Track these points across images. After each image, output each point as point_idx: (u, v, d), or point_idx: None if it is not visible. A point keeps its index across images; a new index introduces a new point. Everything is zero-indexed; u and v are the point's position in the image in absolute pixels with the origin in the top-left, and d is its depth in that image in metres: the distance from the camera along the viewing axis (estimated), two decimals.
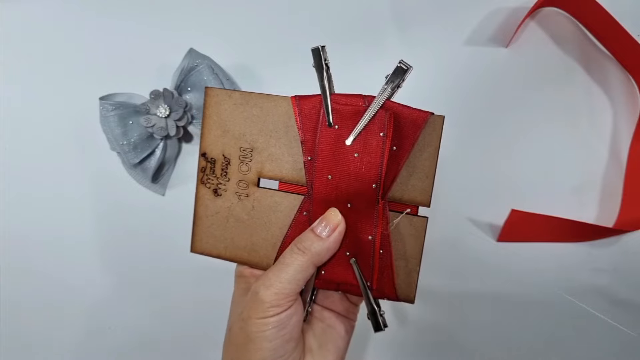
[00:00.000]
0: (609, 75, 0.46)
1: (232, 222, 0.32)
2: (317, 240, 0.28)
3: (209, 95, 0.31)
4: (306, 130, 0.29)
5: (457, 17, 0.46)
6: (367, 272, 0.30)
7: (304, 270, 0.28)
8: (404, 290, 0.30)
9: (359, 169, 0.28)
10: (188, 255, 0.47)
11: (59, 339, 0.47)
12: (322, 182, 0.29)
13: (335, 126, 0.28)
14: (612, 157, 0.46)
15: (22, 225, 0.46)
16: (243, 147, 0.31)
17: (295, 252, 0.28)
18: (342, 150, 0.28)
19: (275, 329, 0.27)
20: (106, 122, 0.42)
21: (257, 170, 0.31)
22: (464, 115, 0.46)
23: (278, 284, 0.27)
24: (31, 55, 0.46)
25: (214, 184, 0.32)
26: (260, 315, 0.27)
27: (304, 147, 0.30)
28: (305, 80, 0.46)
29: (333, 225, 0.28)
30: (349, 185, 0.29)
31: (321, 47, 0.28)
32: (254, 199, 0.31)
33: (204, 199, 0.32)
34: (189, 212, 0.46)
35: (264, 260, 0.32)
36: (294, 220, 0.31)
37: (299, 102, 0.30)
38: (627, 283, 0.45)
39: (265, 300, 0.27)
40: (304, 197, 0.30)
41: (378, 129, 0.28)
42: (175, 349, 0.47)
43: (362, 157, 0.28)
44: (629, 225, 0.44)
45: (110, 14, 0.46)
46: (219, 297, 0.46)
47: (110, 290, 0.46)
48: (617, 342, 0.46)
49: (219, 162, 0.31)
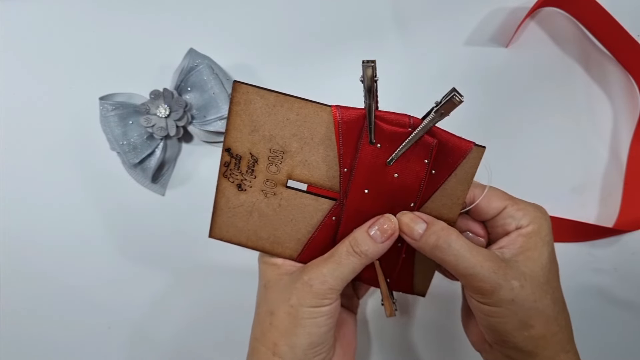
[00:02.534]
0: (609, 75, 0.46)
1: (255, 216, 0.32)
2: (374, 245, 0.29)
3: (238, 91, 0.29)
4: (345, 144, 0.29)
5: (457, 17, 0.46)
6: (388, 271, 0.32)
7: (356, 271, 0.30)
8: (419, 286, 0.33)
9: (397, 189, 0.29)
10: (188, 255, 0.47)
11: (59, 339, 0.47)
12: (357, 195, 0.30)
13: (378, 145, 0.28)
14: (612, 157, 0.46)
15: (21, 225, 0.46)
16: (273, 148, 0.30)
17: (352, 254, 0.29)
18: (382, 169, 0.29)
19: (325, 317, 0.29)
20: (106, 122, 0.42)
21: (287, 172, 0.30)
22: (464, 115, 0.45)
23: (332, 280, 0.29)
24: (31, 55, 0.46)
25: (238, 179, 0.31)
26: (315, 304, 0.29)
27: (341, 159, 0.29)
28: (305, 80, 0.46)
29: (390, 231, 0.29)
30: (384, 201, 0.30)
31: (372, 62, 0.25)
32: (281, 197, 0.31)
33: (226, 192, 0.32)
34: (189, 212, 0.46)
35: (286, 251, 0.32)
36: (322, 223, 0.31)
37: (340, 114, 0.29)
38: (627, 283, 0.45)
39: (319, 293, 0.29)
40: (335, 203, 0.31)
41: (422, 155, 0.28)
42: (175, 348, 0.47)
43: (402, 178, 0.29)
44: (629, 225, 0.44)
45: (110, 13, 0.46)
46: (219, 297, 0.46)
47: (110, 290, 0.46)
48: (617, 342, 0.46)
49: (245, 160, 0.30)
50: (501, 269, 0.27)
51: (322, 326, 0.29)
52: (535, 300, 0.28)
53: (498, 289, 0.27)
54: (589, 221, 0.45)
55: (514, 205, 0.30)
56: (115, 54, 0.46)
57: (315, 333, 0.29)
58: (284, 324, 0.29)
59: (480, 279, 0.27)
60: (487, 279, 0.27)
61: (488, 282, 0.27)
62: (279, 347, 0.29)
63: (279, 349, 0.29)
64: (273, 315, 0.30)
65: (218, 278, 0.46)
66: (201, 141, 0.46)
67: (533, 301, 0.28)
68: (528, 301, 0.28)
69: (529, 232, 0.30)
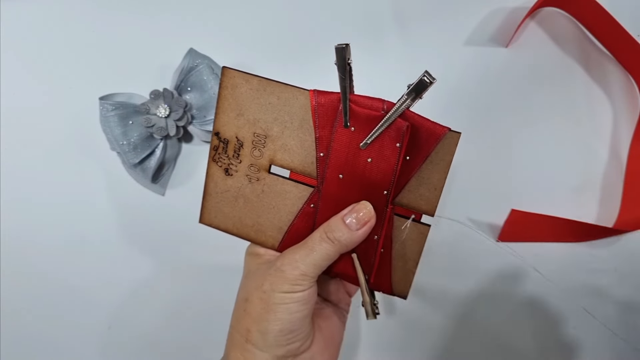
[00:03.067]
0: (609, 75, 0.46)
1: (241, 201, 0.32)
2: (348, 232, 0.29)
3: (226, 75, 0.30)
4: (322, 127, 0.29)
5: (457, 17, 0.46)
6: (366, 267, 0.31)
7: (330, 258, 0.29)
8: (399, 286, 0.32)
9: (370, 174, 0.29)
10: (188, 255, 0.47)
11: (59, 338, 0.47)
12: (333, 180, 0.30)
13: (352, 128, 0.28)
14: (612, 157, 0.46)
15: (21, 225, 0.46)
16: (257, 132, 0.31)
17: (325, 240, 0.29)
18: (356, 153, 0.29)
19: (297, 303, 0.29)
20: (106, 122, 0.42)
21: (269, 157, 0.31)
22: (464, 115, 0.46)
23: (303, 266, 0.29)
24: (31, 55, 0.46)
25: (225, 164, 0.32)
26: (285, 290, 0.28)
27: (318, 142, 0.30)
28: (305, 81, 0.46)
29: (366, 219, 0.29)
30: (359, 187, 0.29)
31: (345, 45, 0.26)
32: (264, 183, 0.32)
33: (214, 176, 0.32)
34: (189, 212, 0.46)
35: (269, 240, 0.33)
36: (301, 210, 0.31)
37: (317, 98, 0.29)
38: (627, 283, 0.45)
39: (290, 278, 0.28)
40: (313, 190, 0.31)
41: (395, 139, 0.28)
42: (175, 348, 0.47)
43: (375, 162, 0.28)
44: (629, 225, 0.44)
45: (110, 13, 0.46)
46: (219, 297, 0.46)
47: (110, 289, 0.46)
48: (617, 342, 0.46)
49: (231, 144, 0.32)
50: None
51: (294, 312, 0.29)
52: None
53: None
54: (588, 221, 0.45)
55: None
56: (115, 54, 0.46)
57: (286, 319, 0.28)
58: (256, 309, 0.29)
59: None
60: None
61: None
62: (251, 334, 0.29)
63: (251, 335, 0.29)
64: (247, 302, 0.30)
65: (218, 278, 0.46)
66: (201, 141, 0.46)
67: None
68: None
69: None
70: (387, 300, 0.46)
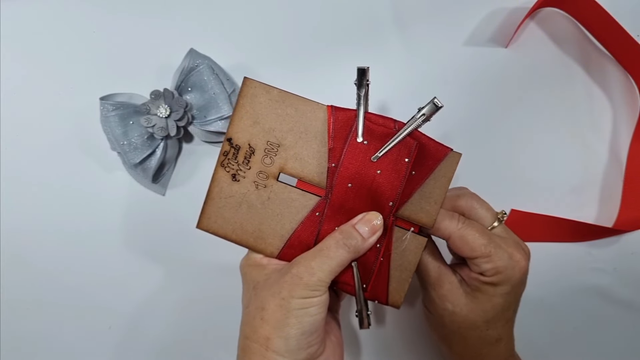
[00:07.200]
0: (609, 75, 0.46)
1: (244, 207, 0.33)
2: (362, 239, 0.30)
3: (247, 85, 0.32)
4: (336, 140, 0.32)
5: (457, 17, 0.46)
6: (364, 276, 0.32)
7: (343, 265, 0.31)
8: (394, 296, 0.33)
9: (379, 185, 0.31)
10: (188, 255, 0.47)
11: (59, 338, 0.47)
12: (341, 189, 0.31)
13: (365, 142, 0.31)
14: (612, 157, 0.46)
15: (21, 225, 0.46)
16: (270, 141, 0.32)
17: (341, 247, 0.30)
18: (366, 165, 0.31)
19: (316, 307, 0.30)
20: (107, 122, 0.42)
21: (280, 165, 0.32)
22: (464, 116, 0.46)
23: (320, 272, 0.30)
24: (31, 56, 0.46)
25: (233, 169, 0.33)
26: (305, 295, 0.29)
27: (330, 154, 0.32)
28: (305, 81, 0.46)
29: (375, 227, 0.31)
30: (366, 196, 0.31)
31: (366, 68, 0.30)
32: (271, 190, 0.33)
33: (221, 181, 0.33)
34: (189, 212, 0.46)
35: (268, 248, 0.33)
36: (305, 218, 0.32)
37: (334, 113, 0.32)
38: (627, 283, 0.46)
39: (309, 284, 0.29)
40: (320, 199, 0.32)
41: (404, 154, 0.31)
42: (175, 348, 0.47)
43: (384, 174, 0.31)
44: (629, 225, 0.44)
45: (110, 13, 0.46)
46: (219, 297, 0.46)
47: (110, 289, 0.46)
48: (617, 343, 0.46)
49: (243, 150, 0.32)
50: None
51: (314, 315, 0.30)
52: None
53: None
54: (588, 221, 0.45)
55: (485, 258, 0.32)
56: (116, 54, 0.46)
57: (307, 322, 0.29)
58: (275, 316, 0.29)
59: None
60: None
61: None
62: (271, 341, 0.29)
63: (272, 343, 0.29)
64: (264, 310, 0.30)
65: (219, 278, 0.46)
66: (201, 141, 0.46)
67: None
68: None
69: (486, 282, 0.33)
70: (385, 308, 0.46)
